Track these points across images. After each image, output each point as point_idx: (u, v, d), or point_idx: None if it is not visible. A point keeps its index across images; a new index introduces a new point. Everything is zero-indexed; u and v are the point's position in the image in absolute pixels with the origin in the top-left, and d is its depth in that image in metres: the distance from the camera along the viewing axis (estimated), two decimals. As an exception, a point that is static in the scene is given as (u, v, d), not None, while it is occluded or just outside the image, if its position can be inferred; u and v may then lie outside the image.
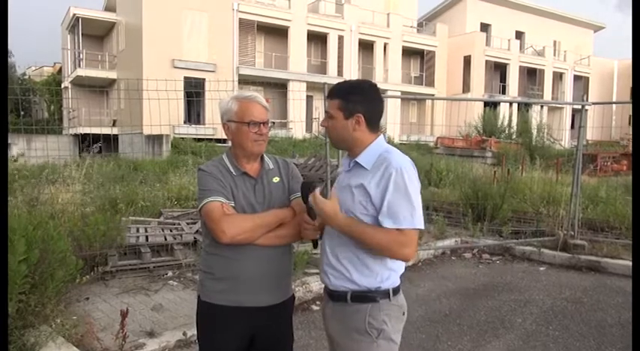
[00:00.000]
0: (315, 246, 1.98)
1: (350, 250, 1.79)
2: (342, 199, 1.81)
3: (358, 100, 1.82)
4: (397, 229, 1.70)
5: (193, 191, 8.12)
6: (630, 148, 19.47)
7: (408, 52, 30.95)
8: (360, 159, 1.82)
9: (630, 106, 2.98)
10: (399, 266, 1.86)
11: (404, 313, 1.88)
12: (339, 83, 1.90)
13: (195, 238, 5.85)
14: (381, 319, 1.78)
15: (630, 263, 5.46)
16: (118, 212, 6.21)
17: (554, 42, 37.94)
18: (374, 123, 1.84)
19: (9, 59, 30.75)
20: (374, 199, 1.74)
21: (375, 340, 1.77)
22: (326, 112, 1.89)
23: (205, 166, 1.98)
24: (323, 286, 1.94)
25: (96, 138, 10.97)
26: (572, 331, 4.06)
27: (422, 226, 1.74)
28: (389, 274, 1.81)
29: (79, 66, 24.64)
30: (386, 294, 1.80)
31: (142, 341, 3.44)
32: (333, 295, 1.86)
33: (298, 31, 26.17)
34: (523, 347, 3.75)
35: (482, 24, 34.77)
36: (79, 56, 25.05)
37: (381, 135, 1.88)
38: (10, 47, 30.94)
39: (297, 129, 23.62)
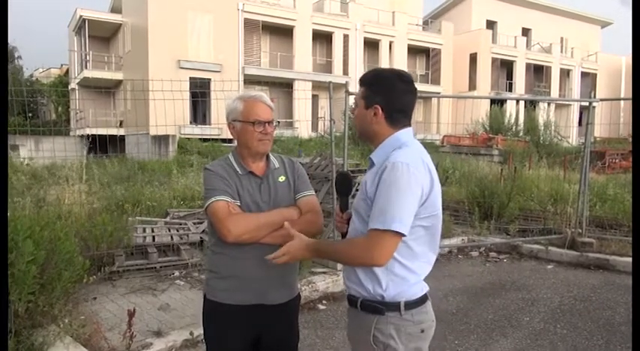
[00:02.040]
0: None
1: None
2: (356, 198, 1.75)
3: (378, 90, 1.70)
4: (369, 230, 1.58)
5: (199, 191, 8.15)
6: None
7: (414, 51, 30.85)
8: (373, 155, 1.72)
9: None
10: (412, 274, 1.67)
11: (423, 331, 1.70)
12: (370, 70, 1.81)
13: (201, 237, 5.87)
14: (387, 333, 1.65)
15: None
16: (125, 212, 6.24)
17: (561, 39, 37.66)
18: (394, 116, 1.70)
19: (17, 62, 31.04)
20: (369, 196, 1.64)
21: None
22: (354, 99, 1.82)
23: (211, 165, 1.99)
24: (329, 285, 1.93)
25: (102, 139, 11.04)
26: (581, 329, 4.03)
27: (397, 229, 1.53)
28: (396, 281, 1.65)
29: (86, 67, 24.79)
30: (395, 307, 1.65)
31: (149, 341, 3.46)
32: (349, 299, 1.77)
33: (303, 31, 26.16)
34: (531, 346, 3.73)
35: (488, 21, 34.59)
36: (86, 58, 25.20)
37: (404, 130, 1.71)
38: (18, 49, 31.24)
39: (303, 128, 23.61)
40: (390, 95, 1.70)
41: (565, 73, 37.08)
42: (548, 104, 32.10)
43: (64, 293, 3.55)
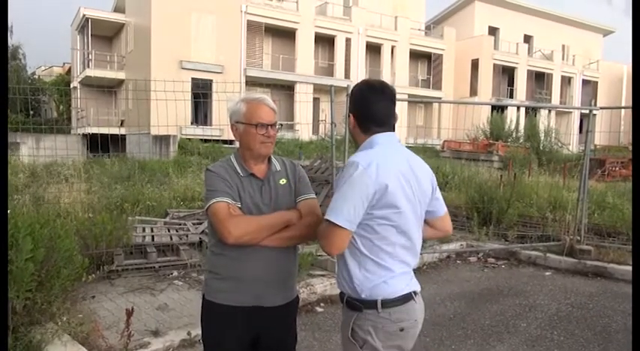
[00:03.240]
0: None
1: (347, 249, 1.78)
2: None
3: (351, 100, 1.90)
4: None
5: (199, 191, 8.16)
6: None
7: (416, 55, 30.90)
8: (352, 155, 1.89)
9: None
10: (386, 271, 1.74)
11: (402, 330, 1.74)
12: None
13: (200, 238, 5.88)
14: (366, 330, 1.73)
15: (637, 269, 5.42)
16: (124, 212, 6.25)
17: (563, 46, 37.75)
18: (365, 124, 1.86)
19: (20, 60, 31.05)
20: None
21: (360, 350, 1.75)
22: None
23: (213, 166, 2.00)
24: (327, 288, 1.98)
25: (104, 138, 11.06)
26: (577, 336, 4.04)
27: (336, 222, 1.65)
28: (369, 277, 1.73)
29: (88, 66, 24.83)
30: (372, 305, 1.72)
31: (147, 340, 3.47)
32: (340, 296, 1.87)
33: (306, 34, 26.22)
34: (527, 352, 3.74)
35: (490, 27, 34.67)
36: (88, 57, 25.24)
37: (383, 134, 1.83)
38: (22, 47, 31.26)
39: (304, 131, 23.66)
40: (358, 106, 1.86)
41: (566, 81, 37.15)
42: (549, 111, 32.15)
43: (63, 291, 3.55)
